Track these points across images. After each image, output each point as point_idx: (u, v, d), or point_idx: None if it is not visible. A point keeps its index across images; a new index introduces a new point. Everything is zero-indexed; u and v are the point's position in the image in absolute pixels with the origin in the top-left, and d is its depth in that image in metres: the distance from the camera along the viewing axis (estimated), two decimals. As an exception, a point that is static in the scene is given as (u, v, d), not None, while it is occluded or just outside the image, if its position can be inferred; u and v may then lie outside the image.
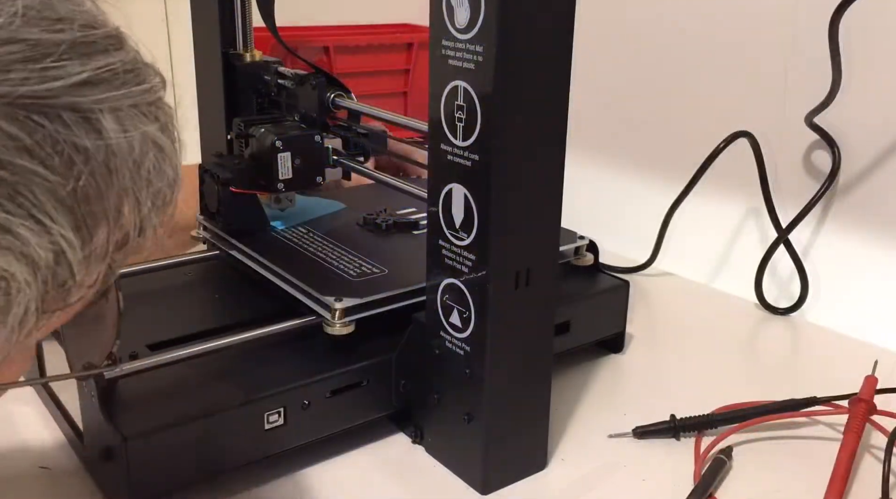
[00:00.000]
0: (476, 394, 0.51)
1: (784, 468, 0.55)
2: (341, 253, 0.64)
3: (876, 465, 0.55)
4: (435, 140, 0.49)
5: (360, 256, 0.63)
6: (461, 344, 0.51)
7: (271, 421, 0.51)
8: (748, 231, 0.84)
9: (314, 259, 0.63)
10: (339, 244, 0.65)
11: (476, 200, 0.47)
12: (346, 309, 0.55)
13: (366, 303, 0.56)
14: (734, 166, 0.80)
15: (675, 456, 0.56)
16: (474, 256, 0.48)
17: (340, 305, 0.55)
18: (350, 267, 0.61)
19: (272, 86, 0.75)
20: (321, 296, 0.56)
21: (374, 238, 0.68)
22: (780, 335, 0.77)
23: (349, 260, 0.62)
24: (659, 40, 0.90)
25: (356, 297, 0.55)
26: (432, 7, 0.47)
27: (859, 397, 0.57)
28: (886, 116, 0.72)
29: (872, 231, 0.75)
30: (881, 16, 0.71)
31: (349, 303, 0.55)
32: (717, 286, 0.86)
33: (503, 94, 0.45)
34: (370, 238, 0.68)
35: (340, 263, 0.62)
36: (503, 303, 0.49)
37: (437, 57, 0.48)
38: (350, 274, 0.60)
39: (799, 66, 0.78)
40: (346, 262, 0.62)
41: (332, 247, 0.65)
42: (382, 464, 0.55)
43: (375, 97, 1.19)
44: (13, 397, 0.62)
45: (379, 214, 0.72)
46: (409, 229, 0.70)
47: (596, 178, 0.98)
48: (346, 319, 0.55)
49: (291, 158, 0.66)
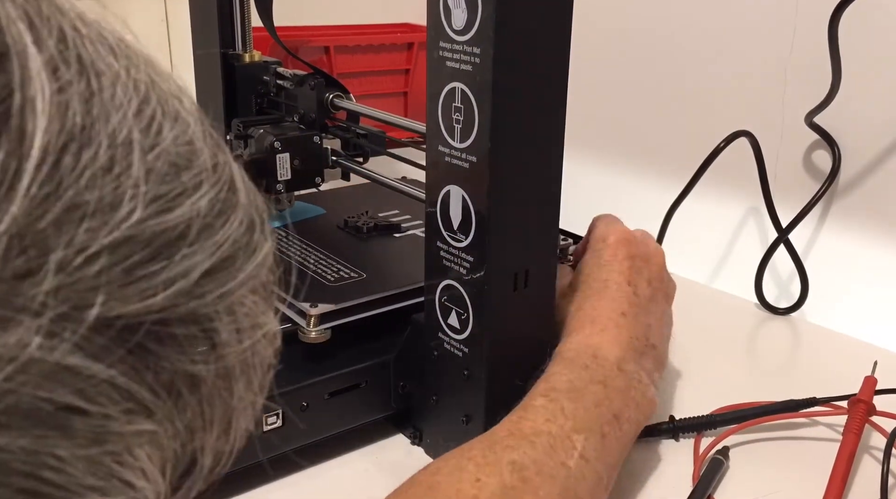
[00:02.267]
0: (475, 395, 0.51)
1: (783, 469, 0.55)
2: (319, 257, 0.63)
3: (875, 466, 0.54)
4: (433, 142, 0.49)
5: (338, 260, 0.62)
6: (459, 345, 0.51)
7: (269, 423, 0.51)
8: (748, 231, 0.84)
9: (291, 264, 0.61)
10: (317, 248, 0.64)
11: (474, 202, 0.47)
12: (322, 315, 0.53)
13: (342, 309, 0.54)
14: (734, 166, 0.80)
15: (674, 457, 0.56)
16: (472, 257, 0.48)
17: (316, 311, 0.53)
18: (328, 271, 0.60)
19: (271, 86, 0.75)
20: (296, 301, 0.54)
21: (355, 241, 0.67)
22: (779, 335, 0.77)
23: (327, 264, 0.62)
24: (658, 40, 0.90)
25: (332, 302, 0.54)
26: (429, 9, 0.47)
27: (859, 397, 0.57)
28: (886, 116, 0.72)
29: (872, 231, 0.75)
30: (881, 16, 0.71)
31: (325, 309, 0.54)
32: (717, 286, 0.86)
33: (501, 96, 0.45)
34: (350, 241, 0.67)
35: (318, 267, 0.61)
36: (502, 304, 0.49)
37: (434, 59, 0.48)
38: (327, 279, 0.59)
39: (799, 66, 0.78)
40: (324, 266, 0.61)
41: (311, 251, 0.64)
42: (381, 466, 0.55)
43: (375, 97, 1.19)
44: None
45: (360, 216, 0.70)
46: (391, 232, 0.69)
47: (595, 178, 0.98)
48: (321, 326, 0.53)
49: (290, 158, 0.66)
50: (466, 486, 0.40)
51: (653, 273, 0.57)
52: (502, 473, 0.41)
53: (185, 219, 0.20)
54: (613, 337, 0.51)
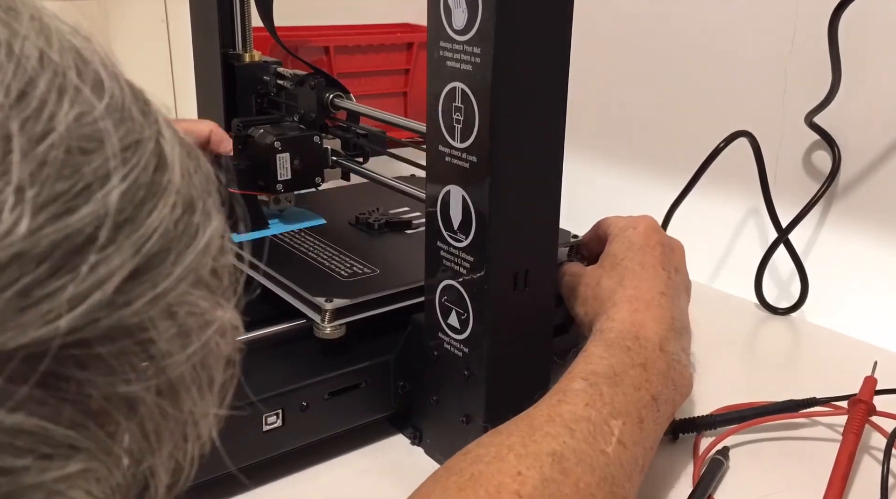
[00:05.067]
0: (475, 395, 0.51)
1: (783, 469, 0.55)
2: (332, 253, 0.63)
3: (875, 466, 0.54)
4: (433, 142, 0.49)
5: (351, 257, 0.63)
6: (460, 345, 0.51)
7: (269, 423, 0.51)
8: (748, 231, 0.84)
9: (304, 259, 0.62)
10: (330, 244, 0.65)
11: (474, 202, 0.47)
12: (337, 310, 0.54)
13: (358, 304, 0.55)
14: (734, 166, 0.80)
15: (674, 457, 0.56)
16: (472, 257, 0.48)
17: (331, 305, 0.54)
18: (341, 267, 0.61)
19: (271, 86, 0.75)
20: (311, 297, 0.55)
21: (366, 238, 0.68)
22: (779, 335, 0.77)
23: (340, 260, 0.62)
24: (658, 40, 0.90)
25: (347, 297, 0.55)
26: (430, 9, 0.47)
27: (859, 397, 0.57)
28: (886, 116, 0.72)
29: (872, 231, 0.75)
30: (881, 16, 0.71)
31: (341, 303, 0.54)
32: (717, 286, 0.86)
33: (501, 96, 0.45)
34: (362, 238, 0.68)
35: (331, 263, 0.62)
36: (502, 304, 0.49)
37: (434, 58, 0.48)
38: (341, 274, 0.60)
39: (799, 66, 0.78)
40: (337, 262, 0.62)
41: (323, 246, 0.65)
42: (381, 465, 0.55)
43: (375, 97, 1.19)
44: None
45: (371, 213, 0.71)
46: (402, 229, 0.69)
47: (595, 178, 0.98)
48: (336, 321, 0.54)
49: (290, 158, 0.66)
50: (508, 479, 0.40)
51: (679, 262, 0.59)
52: (542, 465, 0.41)
53: (93, 219, 0.17)
54: (657, 315, 0.52)
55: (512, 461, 0.41)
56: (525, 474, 0.40)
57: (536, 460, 0.41)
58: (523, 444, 0.42)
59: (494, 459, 0.42)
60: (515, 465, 0.41)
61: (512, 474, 0.40)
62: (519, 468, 0.41)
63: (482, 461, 0.42)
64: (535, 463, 0.41)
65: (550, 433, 0.43)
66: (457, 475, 0.41)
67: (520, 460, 0.41)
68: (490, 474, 0.40)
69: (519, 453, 0.42)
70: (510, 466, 0.41)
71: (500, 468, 0.41)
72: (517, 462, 0.41)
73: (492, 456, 0.42)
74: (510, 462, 0.41)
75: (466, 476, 0.41)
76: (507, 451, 0.42)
